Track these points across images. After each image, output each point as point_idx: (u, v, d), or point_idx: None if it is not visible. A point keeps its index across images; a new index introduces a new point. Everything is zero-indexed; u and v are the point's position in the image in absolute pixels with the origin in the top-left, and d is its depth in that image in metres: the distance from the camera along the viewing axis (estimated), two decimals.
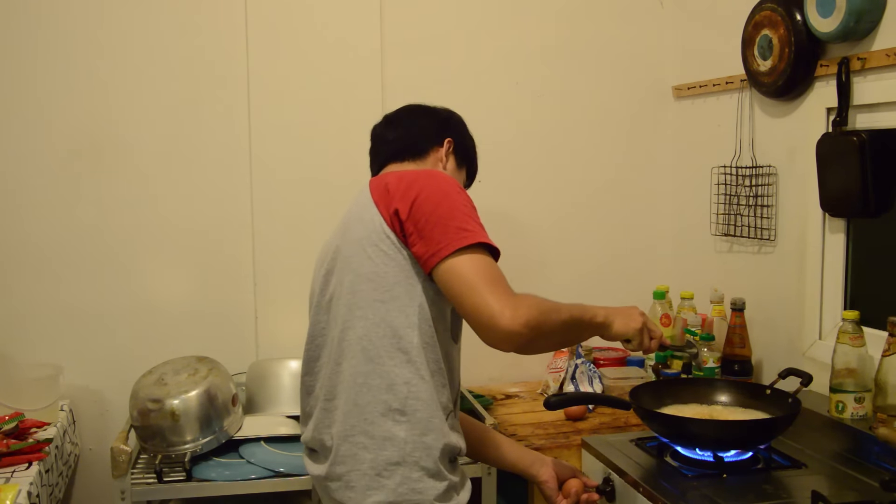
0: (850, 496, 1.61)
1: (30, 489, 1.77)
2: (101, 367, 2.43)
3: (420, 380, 1.51)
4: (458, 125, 1.80)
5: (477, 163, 1.85)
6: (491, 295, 1.40)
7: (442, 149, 1.74)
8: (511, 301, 1.40)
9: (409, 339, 1.50)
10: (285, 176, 2.52)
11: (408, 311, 1.50)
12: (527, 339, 1.40)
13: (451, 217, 1.47)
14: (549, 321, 1.44)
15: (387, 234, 1.51)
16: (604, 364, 2.54)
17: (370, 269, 1.51)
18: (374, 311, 1.51)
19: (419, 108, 1.80)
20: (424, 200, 1.48)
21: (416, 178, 1.53)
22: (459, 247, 1.44)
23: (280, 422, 2.18)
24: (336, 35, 2.53)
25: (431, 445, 1.51)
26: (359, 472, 1.51)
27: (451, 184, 1.53)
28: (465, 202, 1.51)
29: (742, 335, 2.29)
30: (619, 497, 1.82)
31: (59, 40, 2.36)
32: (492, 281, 1.42)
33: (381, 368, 1.51)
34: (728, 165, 2.44)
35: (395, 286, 1.50)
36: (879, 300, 2.06)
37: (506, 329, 1.38)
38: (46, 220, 2.39)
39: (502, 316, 1.38)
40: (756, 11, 2.24)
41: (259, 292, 2.53)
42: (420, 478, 1.50)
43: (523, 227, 2.75)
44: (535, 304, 1.42)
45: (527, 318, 1.39)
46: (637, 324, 1.62)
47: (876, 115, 1.95)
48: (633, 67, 2.77)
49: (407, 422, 1.50)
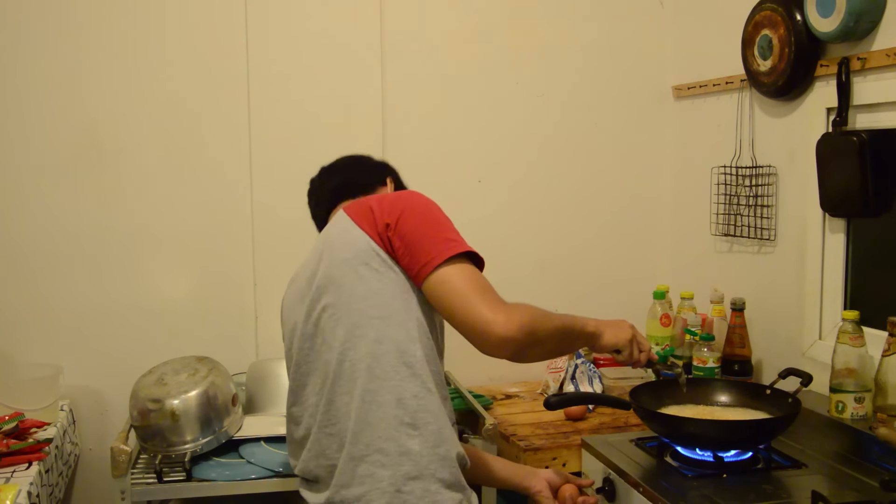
0: (850, 496, 1.61)
1: (30, 489, 1.77)
2: (101, 367, 2.43)
3: (427, 392, 1.51)
4: (393, 170, 1.85)
5: None
6: (482, 303, 1.43)
7: (387, 188, 1.78)
8: (503, 308, 1.43)
9: (413, 353, 1.50)
10: (285, 176, 2.51)
11: (407, 325, 1.50)
12: (521, 344, 1.43)
13: (438, 229, 1.51)
14: (541, 327, 1.47)
15: (376, 252, 1.51)
16: (604, 364, 2.54)
17: (364, 288, 1.50)
18: (374, 328, 1.50)
19: (354, 157, 1.87)
20: (410, 214, 1.51)
21: (399, 196, 1.57)
22: (448, 256, 1.47)
23: (280, 422, 2.17)
24: (336, 35, 2.53)
25: (446, 456, 1.51)
26: (378, 490, 1.48)
27: (430, 200, 1.57)
28: (445, 217, 1.55)
29: (742, 335, 2.29)
30: (619, 497, 1.82)
31: (59, 40, 2.35)
32: (482, 290, 1.45)
33: (388, 384, 1.49)
34: (728, 165, 2.44)
35: (392, 302, 1.50)
36: (879, 300, 2.06)
37: (500, 335, 1.41)
38: (46, 220, 2.38)
39: (495, 323, 1.40)
40: (756, 11, 2.24)
41: (259, 292, 2.53)
42: (438, 489, 1.49)
43: (523, 226, 2.74)
44: (526, 311, 1.45)
45: (520, 323, 1.41)
46: (627, 335, 1.66)
47: (876, 115, 1.95)
48: (633, 67, 2.77)
49: (419, 435, 1.49)
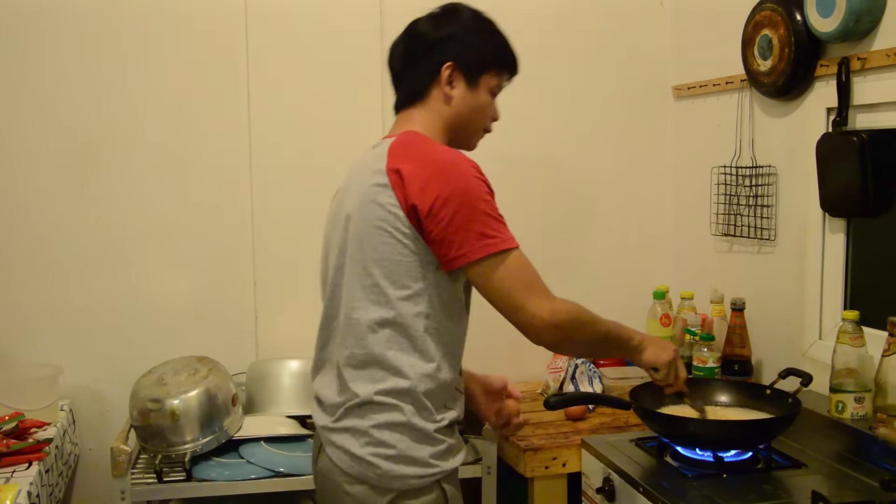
0: (850, 496, 1.61)
1: (30, 489, 1.77)
2: (101, 367, 2.43)
3: (426, 364, 1.53)
4: (454, 37, 1.64)
5: (505, 52, 1.69)
6: (526, 299, 1.50)
7: (442, 79, 1.63)
8: (546, 305, 1.51)
9: (416, 328, 1.53)
10: (285, 176, 2.52)
11: (416, 300, 1.52)
12: (558, 339, 1.53)
13: (472, 221, 1.49)
14: (581, 331, 1.56)
15: (402, 222, 1.51)
16: (604, 364, 2.54)
17: (381, 255, 1.52)
18: (378, 295, 1.53)
19: (413, 34, 1.69)
20: (444, 203, 1.48)
21: (432, 176, 1.50)
22: (482, 256, 1.49)
23: (280, 422, 2.18)
24: (336, 33, 2.53)
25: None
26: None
27: (466, 179, 1.51)
28: (482, 198, 1.51)
29: (742, 335, 2.29)
30: (620, 497, 1.82)
31: (59, 40, 2.35)
32: (523, 285, 1.51)
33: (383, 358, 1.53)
34: (728, 165, 2.44)
35: (405, 276, 1.52)
36: (879, 300, 2.06)
37: (540, 329, 1.51)
38: (46, 219, 2.38)
39: (539, 317, 1.50)
40: (756, 11, 2.24)
41: (259, 292, 2.53)
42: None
43: (523, 226, 2.72)
44: (571, 311, 1.53)
45: (565, 320, 1.51)
46: (668, 356, 1.71)
47: (876, 115, 1.95)
48: (633, 67, 2.77)
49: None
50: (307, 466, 2.03)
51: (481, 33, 1.67)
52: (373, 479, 1.52)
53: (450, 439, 1.58)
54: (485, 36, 1.67)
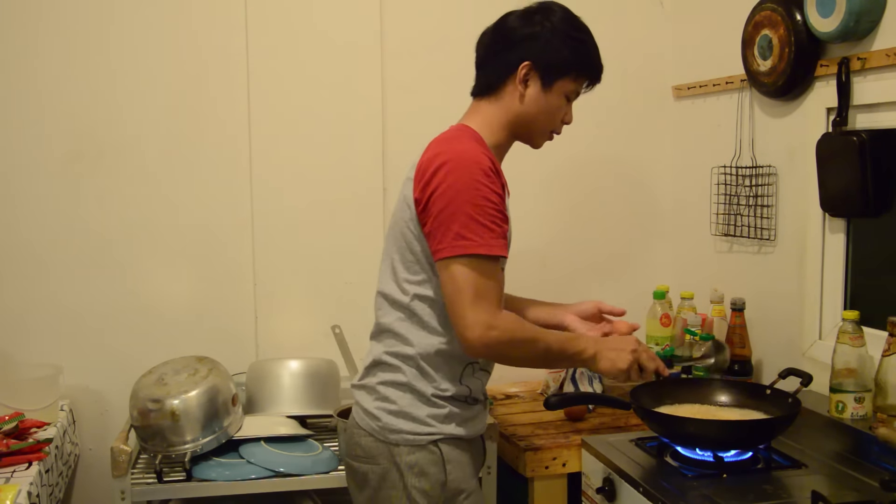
0: (850, 496, 1.61)
1: (30, 489, 1.77)
2: (101, 367, 2.43)
3: (434, 337, 1.63)
4: (537, 37, 1.64)
5: (588, 60, 1.69)
6: (469, 308, 1.52)
7: (518, 76, 1.65)
8: (483, 320, 1.51)
9: (424, 312, 1.63)
10: (285, 176, 2.52)
11: (425, 286, 1.62)
12: (489, 356, 1.62)
13: (454, 219, 1.52)
14: (517, 350, 1.57)
15: (412, 214, 1.61)
16: None
17: (400, 243, 1.64)
18: (395, 278, 1.65)
19: (501, 27, 1.69)
20: (438, 197, 1.54)
21: (439, 168, 1.55)
22: (452, 255, 1.52)
23: (280, 422, 2.18)
24: (336, 35, 2.52)
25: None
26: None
27: (466, 179, 1.52)
28: (474, 200, 1.51)
29: (742, 335, 2.29)
30: (620, 497, 1.82)
31: (59, 40, 2.35)
32: (472, 296, 1.52)
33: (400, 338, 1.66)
34: (728, 165, 2.44)
35: (415, 264, 1.63)
36: (879, 300, 2.06)
37: (469, 344, 1.53)
38: (46, 219, 2.38)
39: (472, 330, 1.51)
40: (756, 11, 2.24)
41: (259, 292, 2.53)
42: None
43: (523, 226, 2.73)
44: (507, 330, 1.54)
45: (494, 340, 1.52)
46: (623, 364, 1.67)
47: (876, 115, 1.95)
48: (633, 67, 2.77)
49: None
50: (307, 466, 2.05)
51: (567, 37, 1.66)
52: (376, 430, 1.64)
53: (454, 407, 1.64)
54: (570, 41, 1.66)
